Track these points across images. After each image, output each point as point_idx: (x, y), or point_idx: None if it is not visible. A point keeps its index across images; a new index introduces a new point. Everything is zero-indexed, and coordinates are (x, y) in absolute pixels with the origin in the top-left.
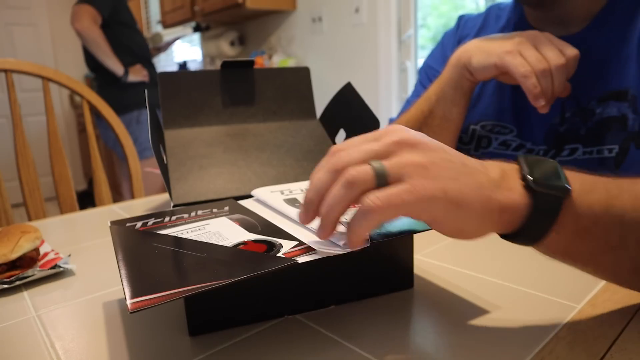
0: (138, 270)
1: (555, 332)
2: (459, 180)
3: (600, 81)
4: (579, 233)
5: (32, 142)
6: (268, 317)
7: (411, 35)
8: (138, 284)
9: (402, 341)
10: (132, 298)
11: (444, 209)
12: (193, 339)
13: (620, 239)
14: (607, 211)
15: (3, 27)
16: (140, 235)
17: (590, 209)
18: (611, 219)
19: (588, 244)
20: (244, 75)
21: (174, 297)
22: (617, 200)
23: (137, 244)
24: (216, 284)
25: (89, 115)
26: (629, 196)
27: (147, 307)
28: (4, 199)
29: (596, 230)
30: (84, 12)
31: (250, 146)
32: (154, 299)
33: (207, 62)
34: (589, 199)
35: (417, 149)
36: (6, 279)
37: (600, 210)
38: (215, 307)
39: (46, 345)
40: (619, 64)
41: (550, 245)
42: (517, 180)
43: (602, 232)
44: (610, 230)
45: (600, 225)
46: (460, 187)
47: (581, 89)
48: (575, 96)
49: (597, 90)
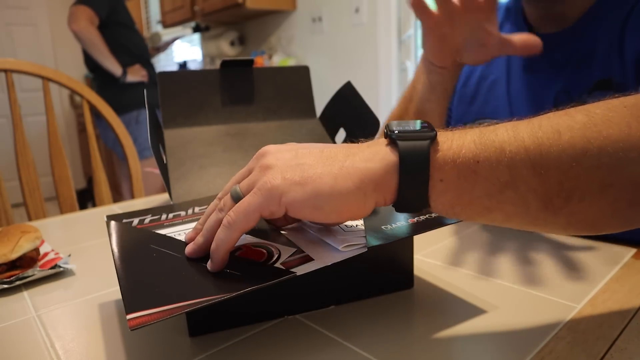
0: (137, 279)
1: (555, 332)
2: (305, 164)
3: (588, 71)
4: (463, 175)
5: (32, 142)
6: (268, 318)
7: (411, 35)
8: (137, 296)
9: (402, 341)
10: (131, 313)
11: (291, 194)
12: (193, 339)
13: (510, 172)
14: (485, 147)
15: (3, 27)
16: (138, 234)
17: (465, 147)
18: (491, 153)
19: (479, 186)
20: (244, 74)
21: (174, 313)
22: (492, 134)
23: (135, 245)
24: (216, 299)
25: (89, 115)
26: (506, 129)
27: (147, 324)
28: (4, 199)
29: (481, 168)
30: (81, 13)
31: (250, 145)
32: (153, 314)
33: (207, 62)
34: (462, 139)
35: (265, 156)
36: (6, 279)
37: (476, 147)
38: (215, 308)
39: (46, 345)
40: (603, 54)
41: (441, 199)
42: (382, 143)
43: (487, 169)
44: (496, 166)
45: (482, 162)
46: (306, 169)
47: (572, 82)
48: (566, 90)
49: (587, 82)
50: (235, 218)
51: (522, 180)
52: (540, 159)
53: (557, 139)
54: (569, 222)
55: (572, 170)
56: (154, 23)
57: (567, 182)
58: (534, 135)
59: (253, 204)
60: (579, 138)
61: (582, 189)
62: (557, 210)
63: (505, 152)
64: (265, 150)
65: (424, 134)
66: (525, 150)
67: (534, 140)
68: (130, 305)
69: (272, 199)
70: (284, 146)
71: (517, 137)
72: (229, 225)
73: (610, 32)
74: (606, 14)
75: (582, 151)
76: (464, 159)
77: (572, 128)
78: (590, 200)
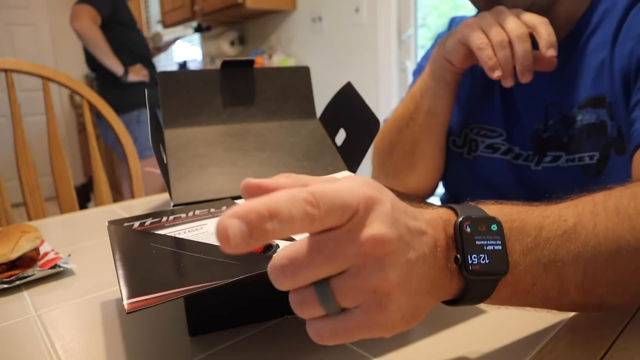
0: (135, 270)
1: (555, 332)
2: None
3: (580, 88)
4: (515, 295)
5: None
6: (267, 318)
7: (411, 35)
8: (135, 284)
9: (401, 341)
10: (128, 298)
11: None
12: (193, 339)
13: (560, 290)
14: (547, 273)
15: (3, 27)
16: (138, 235)
17: (528, 274)
18: (550, 280)
19: (526, 300)
20: (244, 74)
21: (170, 297)
22: (554, 254)
23: (135, 244)
24: (212, 285)
25: (88, 115)
26: (566, 249)
27: (143, 308)
28: (4, 199)
29: (536, 290)
30: (83, 12)
31: (250, 146)
32: (150, 299)
33: (207, 62)
34: (525, 261)
35: (382, 262)
36: (6, 278)
37: (539, 274)
38: (215, 307)
39: (46, 345)
40: (595, 71)
41: (490, 302)
42: (451, 259)
43: (541, 291)
44: (550, 288)
45: (538, 285)
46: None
47: (562, 96)
48: (557, 103)
49: (578, 97)
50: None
51: (568, 295)
52: (591, 282)
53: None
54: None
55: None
56: (154, 23)
57: (605, 297)
58: (593, 259)
59: (350, 339)
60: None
61: (612, 302)
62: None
63: (562, 277)
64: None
65: (498, 269)
66: (582, 274)
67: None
68: (128, 291)
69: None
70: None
71: (577, 259)
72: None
73: (602, 47)
74: (596, 27)
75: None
76: (522, 286)
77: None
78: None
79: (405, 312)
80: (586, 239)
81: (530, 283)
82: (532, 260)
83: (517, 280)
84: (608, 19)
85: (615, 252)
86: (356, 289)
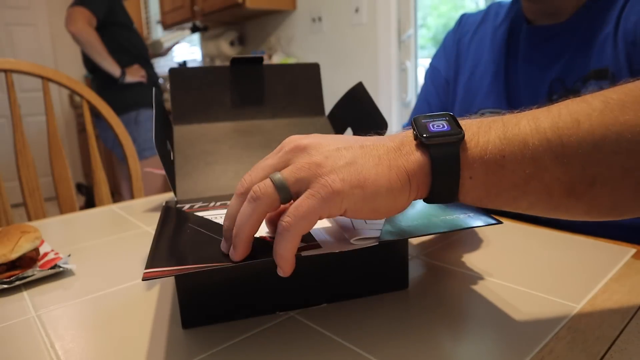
0: (163, 244)
1: (555, 332)
2: (357, 164)
3: (584, 61)
4: (491, 170)
5: (32, 142)
6: (260, 313)
7: (411, 35)
8: (157, 257)
9: (400, 341)
10: (146, 269)
11: (352, 197)
12: (193, 338)
13: (535, 163)
14: (509, 141)
15: (3, 27)
16: (182, 214)
17: (491, 144)
18: (516, 147)
19: (506, 179)
20: (254, 71)
21: (181, 272)
22: (515, 127)
23: (175, 222)
24: (219, 266)
25: (88, 115)
26: (527, 121)
27: (156, 277)
28: (4, 199)
29: (507, 163)
30: (78, 14)
31: (257, 143)
32: (164, 271)
33: (207, 62)
34: (488, 135)
35: (308, 149)
36: (6, 279)
37: (501, 142)
38: (208, 300)
39: (46, 345)
40: (599, 44)
41: (470, 194)
42: (412, 142)
43: (513, 163)
44: (521, 159)
45: (508, 157)
46: (360, 170)
47: (567, 71)
48: (561, 79)
49: (582, 70)
50: (295, 222)
51: (546, 170)
52: (562, 149)
53: (577, 128)
54: (592, 207)
55: (593, 157)
56: (154, 23)
57: (589, 168)
58: (555, 126)
59: (313, 208)
60: (597, 125)
61: (604, 175)
62: (580, 196)
63: (528, 145)
64: (301, 143)
65: (452, 137)
66: (547, 142)
67: (555, 131)
68: (150, 263)
69: (334, 203)
70: (313, 138)
71: (538, 129)
72: (288, 229)
73: (606, 24)
74: (602, 8)
75: (602, 138)
76: (490, 155)
77: (590, 116)
78: (612, 185)
79: (344, 174)
80: (548, 113)
81: (499, 154)
82: (490, 135)
83: (482, 151)
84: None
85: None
86: (296, 168)
